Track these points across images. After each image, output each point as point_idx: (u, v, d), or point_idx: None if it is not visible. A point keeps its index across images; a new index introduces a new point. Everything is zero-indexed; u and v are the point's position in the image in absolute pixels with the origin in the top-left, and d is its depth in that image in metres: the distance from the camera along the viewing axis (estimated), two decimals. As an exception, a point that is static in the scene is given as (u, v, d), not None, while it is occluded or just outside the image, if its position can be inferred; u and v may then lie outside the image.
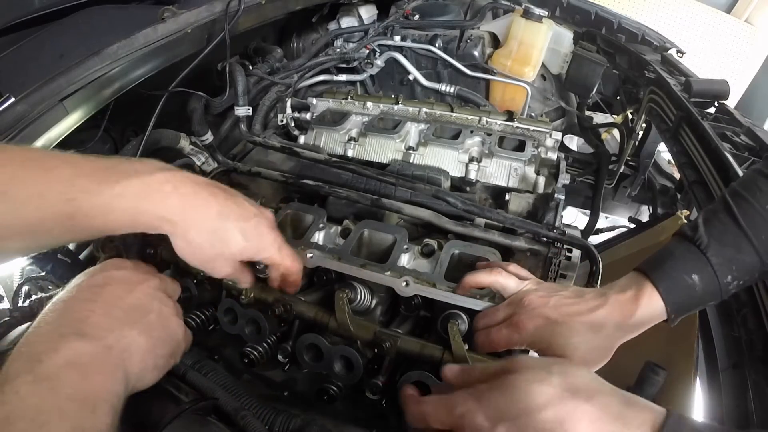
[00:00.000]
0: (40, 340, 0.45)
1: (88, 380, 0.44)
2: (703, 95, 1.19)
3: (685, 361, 0.96)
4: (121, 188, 0.53)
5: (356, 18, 1.79)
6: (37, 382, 0.41)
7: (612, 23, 1.72)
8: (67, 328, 0.47)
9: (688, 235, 0.66)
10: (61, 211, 0.51)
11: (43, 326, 0.47)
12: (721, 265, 0.63)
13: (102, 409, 0.43)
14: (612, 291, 0.66)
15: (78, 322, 0.48)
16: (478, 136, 1.17)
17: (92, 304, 0.50)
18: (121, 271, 0.57)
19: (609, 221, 1.90)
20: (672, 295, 0.63)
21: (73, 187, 0.52)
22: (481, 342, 0.69)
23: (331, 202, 1.05)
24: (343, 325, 0.73)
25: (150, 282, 0.58)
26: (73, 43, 0.96)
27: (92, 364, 0.45)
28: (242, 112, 1.25)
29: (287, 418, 0.66)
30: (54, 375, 0.42)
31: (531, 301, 0.68)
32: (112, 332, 0.49)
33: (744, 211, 0.64)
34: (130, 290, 0.55)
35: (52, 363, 0.43)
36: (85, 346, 0.46)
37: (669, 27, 3.87)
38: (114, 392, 0.46)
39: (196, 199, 0.58)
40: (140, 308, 0.54)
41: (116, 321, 0.50)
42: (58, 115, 0.85)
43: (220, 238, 0.60)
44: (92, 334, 0.47)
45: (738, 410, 0.72)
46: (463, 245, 0.85)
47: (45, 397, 0.40)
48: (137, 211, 0.55)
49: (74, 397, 0.42)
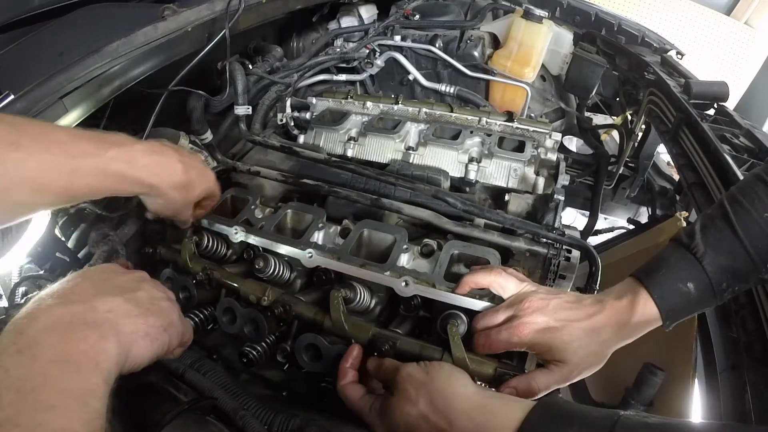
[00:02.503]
0: (22, 316, 0.46)
1: (69, 341, 0.44)
2: (703, 97, 1.19)
3: (683, 362, 0.96)
4: (115, 153, 0.63)
5: (356, 18, 1.79)
6: (20, 352, 0.41)
7: (612, 25, 1.72)
8: (50, 300, 0.48)
9: (685, 242, 0.66)
10: (64, 166, 0.58)
11: (28, 305, 0.48)
12: (716, 273, 0.63)
13: (87, 367, 0.43)
14: (609, 297, 0.67)
15: (62, 294, 0.49)
16: (478, 137, 1.17)
17: (77, 280, 0.52)
18: (112, 265, 0.59)
19: (608, 222, 1.91)
20: (667, 303, 0.64)
21: (73, 147, 0.59)
22: (480, 344, 0.69)
23: (330, 202, 1.04)
24: (338, 325, 0.73)
25: (142, 274, 0.60)
26: (73, 41, 0.96)
27: (73, 324, 0.46)
28: (242, 111, 1.24)
29: (286, 418, 0.66)
30: (34, 342, 0.43)
31: (531, 304, 0.68)
32: (97, 297, 0.50)
33: (741, 218, 0.64)
34: (118, 275, 0.57)
35: (32, 330, 0.44)
36: (66, 309, 0.46)
37: (669, 29, 3.87)
38: (100, 349, 0.45)
39: (167, 163, 0.70)
40: (128, 287, 0.55)
41: (100, 291, 0.51)
42: (58, 112, 0.85)
43: (187, 189, 0.75)
44: (75, 299, 0.48)
45: (736, 411, 0.72)
46: (463, 245, 0.85)
47: (28, 366, 0.40)
48: (125, 175, 0.65)
49: (56, 359, 0.42)
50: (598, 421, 0.51)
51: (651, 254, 0.69)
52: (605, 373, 0.68)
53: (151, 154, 0.68)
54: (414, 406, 0.59)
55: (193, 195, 0.77)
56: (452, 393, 0.59)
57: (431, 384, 0.61)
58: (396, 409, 0.60)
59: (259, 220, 0.93)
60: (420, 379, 0.62)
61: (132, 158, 0.65)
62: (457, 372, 0.63)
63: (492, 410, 0.57)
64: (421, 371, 0.63)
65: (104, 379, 0.44)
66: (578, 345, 0.64)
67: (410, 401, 0.60)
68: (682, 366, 0.96)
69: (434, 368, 0.63)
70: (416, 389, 0.60)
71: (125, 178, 0.65)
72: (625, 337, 0.66)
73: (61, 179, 0.58)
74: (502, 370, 0.67)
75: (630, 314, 0.64)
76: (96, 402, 0.42)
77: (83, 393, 0.41)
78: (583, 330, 0.65)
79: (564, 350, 0.64)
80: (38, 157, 0.56)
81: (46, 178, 0.57)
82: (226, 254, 0.92)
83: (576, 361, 0.65)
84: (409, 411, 0.59)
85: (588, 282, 0.86)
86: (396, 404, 0.61)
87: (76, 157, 0.59)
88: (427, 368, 0.63)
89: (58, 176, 0.58)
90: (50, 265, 0.99)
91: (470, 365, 0.67)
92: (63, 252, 1.00)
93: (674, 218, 1.36)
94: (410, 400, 0.60)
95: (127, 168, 0.64)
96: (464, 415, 0.57)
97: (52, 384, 0.40)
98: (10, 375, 0.40)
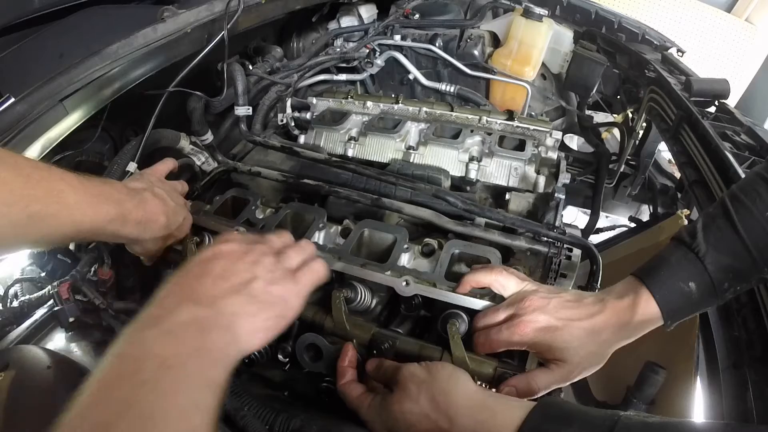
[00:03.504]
0: (157, 307, 0.50)
1: (205, 338, 0.48)
2: (704, 94, 1.19)
3: (685, 360, 0.96)
4: (112, 214, 0.70)
5: (356, 17, 1.79)
6: (163, 335, 0.46)
7: (612, 22, 1.72)
8: (183, 297, 0.52)
9: (686, 241, 0.65)
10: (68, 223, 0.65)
11: (161, 298, 0.52)
12: (718, 273, 0.63)
13: (221, 362, 0.49)
14: (610, 297, 0.67)
15: (191, 293, 0.53)
16: (479, 136, 1.17)
17: (202, 278, 0.55)
18: (227, 245, 0.61)
19: (609, 221, 1.90)
20: (668, 303, 0.64)
21: (77, 211, 0.65)
22: (480, 343, 0.69)
23: (331, 202, 1.04)
24: (340, 325, 0.73)
25: (254, 251, 0.61)
26: (73, 43, 0.96)
27: (208, 323, 0.50)
28: (242, 111, 1.24)
29: (287, 418, 0.66)
30: (175, 331, 0.47)
31: (532, 303, 0.68)
32: (220, 300, 0.53)
33: (742, 217, 0.64)
34: (234, 262, 0.58)
35: (173, 322, 0.48)
36: (201, 310, 0.51)
37: (669, 26, 3.86)
38: (226, 350, 0.50)
39: (154, 219, 0.78)
40: (245, 277, 0.57)
41: (222, 290, 0.54)
42: (58, 115, 0.85)
43: (165, 239, 0.83)
44: (204, 301, 0.52)
45: (738, 410, 0.72)
46: (464, 245, 0.85)
47: (170, 348, 0.45)
48: (118, 234, 0.73)
49: (198, 349, 0.46)
50: (598, 421, 0.51)
51: (652, 252, 0.69)
52: (607, 372, 0.68)
53: (140, 208, 0.75)
54: (415, 404, 0.59)
55: (168, 242, 0.85)
56: (453, 391, 0.59)
57: (433, 383, 0.61)
58: (396, 406, 0.61)
59: (259, 220, 0.93)
60: (422, 378, 0.62)
61: (125, 218, 0.72)
62: (458, 371, 0.63)
63: (493, 409, 0.57)
64: (423, 370, 0.63)
65: (228, 372, 0.49)
66: (579, 345, 0.64)
67: (411, 399, 0.60)
68: (684, 364, 0.96)
69: (436, 367, 0.63)
70: (418, 387, 0.61)
71: (117, 236, 0.74)
72: (625, 337, 0.66)
73: (65, 229, 0.65)
74: (502, 370, 0.67)
75: (631, 314, 0.64)
76: (221, 391, 0.47)
77: (215, 382, 0.47)
78: (584, 330, 0.65)
79: (565, 350, 0.64)
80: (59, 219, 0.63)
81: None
82: (226, 255, 0.92)
83: (577, 361, 0.65)
84: (410, 409, 0.59)
85: (589, 281, 0.86)
86: (396, 402, 0.61)
87: (77, 219, 0.65)
88: (429, 367, 0.63)
89: (63, 228, 0.64)
90: (51, 267, 0.99)
91: (470, 365, 0.67)
92: (64, 254, 1.00)
93: (675, 216, 1.35)
94: (412, 398, 0.60)
95: (121, 228, 0.72)
96: (465, 413, 0.57)
97: (191, 368, 0.44)
98: (151, 350, 0.44)
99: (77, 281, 0.88)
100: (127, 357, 0.43)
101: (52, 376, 0.71)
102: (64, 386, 0.71)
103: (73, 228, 0.66)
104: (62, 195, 0.64)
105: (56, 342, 0.88)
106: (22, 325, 0.89)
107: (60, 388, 0.70)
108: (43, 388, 0.69)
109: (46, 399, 0.67)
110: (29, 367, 0.71)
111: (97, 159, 1.14)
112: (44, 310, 0.91)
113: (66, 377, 0.73)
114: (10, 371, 0.69)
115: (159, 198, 0.80)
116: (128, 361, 0.43)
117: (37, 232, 0.63)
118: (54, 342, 0.88)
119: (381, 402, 0.63)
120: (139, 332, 0.46)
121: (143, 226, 0.76)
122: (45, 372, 0.71)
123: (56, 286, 0.87)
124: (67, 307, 0.86)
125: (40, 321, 0.89)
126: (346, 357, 0.70)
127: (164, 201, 0.81)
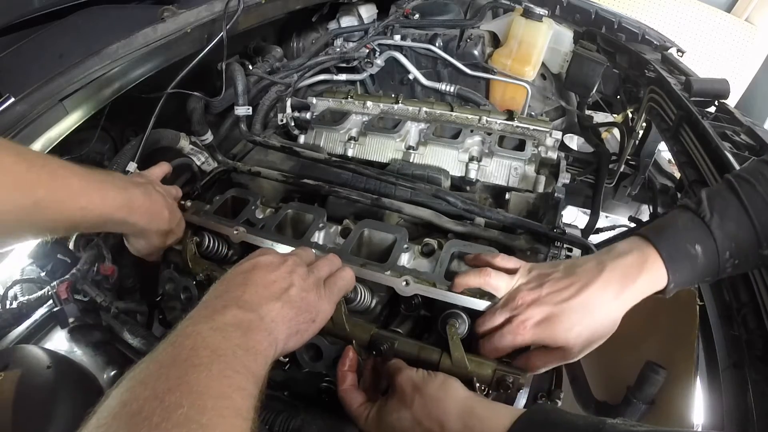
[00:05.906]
0: (207, 309, 0.55)
1: (249, 338, 0.53)
2: (704, 94, 1.19)
3: (685, 360, 0.96)
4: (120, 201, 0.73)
5: (356, 17, 1.79)
6: (213, 331, 0.50)
7: (612, 22, 1.72)
8: (228, 302, 0.56)
9: (692, 207, 0.65)
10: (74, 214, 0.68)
11: (208, 301, 0.57)
12: (722, 240, 0.63)
13: (263, 360, 0.53)
14: (609, 256, 0.66)
15: (235, 299, 0.57)
16: (478, 136, 1.17)
17: (244, 287, 0.59)
18: (265, 257, 0.65)
19: (609, 220, 1.90)
20: (675, 264, 0.63)
21: (83, 197, 0.67)
22: (488, 351, 0.69)
23: (331, 202, 1.04)
24: (339, 325, 0.73)
25: (289, 261, 0.65)
26: (73, 43, 0.96)
27: (251, 326, 0.54)
28: (242, 111, 1.24)
29: (287, 418, 0.66)
30: (223, 329, 0.51)
31: (524, 299, 0.68)
32: (262, 306, 0.57)
33: (747, 192, 0.64)
34: (272, 271, 0.62)
35: (221, 321, 0.52)
36: (244, 314, 0.55)
37: (669, 26, 3.86)
38: (266, 352, 0.54)
39: (159, 211, 0.81)
40: (282, 286, 0.61)
41: (264, 298, 0.58)
42: (58, 115, 0.85)
43: (166, 236, 0.86)
44: (247, 307, 0.56)
45: (738, 409, 0.71)
46: (464, 245, 0.85)
47: (220, 342, 0.49)
48: (125, 222, 0.75)
49: (242, 346, 0.51)
50: (581, 429, 0.51)
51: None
52: (607, 371, 0.68)
53: (146, 197, 0.78)
54: (408, 410, 0.61)
55: (169, 241, 0.88)
56: (444, 397, 0.61)
57: (425, 389, 0.62)
58: (392, 413, 0.62)
59: (259, 220, 0.93)
60: (417, 382, 0.64)
61: (132, 206, 0.75)
62: (450, 379, 0.64)
63: (480, 416, 0.58)
64: (419, 375, 0.65)
65: (267, 368, 0.54)
66: (580, 329, 0.64)
67: (405, 404, 0.62)
68: (684, 364, 0.96)
69: (430, 375, 0.65)
70: (412, 391, 0.63)
71: (125, 225, 0.77)
72: (628, 299, 0.65)
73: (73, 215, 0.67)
74: (501, 371, 0.67)
75: (637, 273, 0.64)
76: (260, 383, 0.51)
77: (256, 374, 0.50)
78: (581, 305, 0.64)
79: (567, 337, 0.65)
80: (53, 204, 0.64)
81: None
82: (227, 255, 0.92)
83: (582, 342, 0.65)
84: (404, 415, 0.61)
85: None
86: (392, 407, 0.63)
87: (84, 205, 0.67)
88: (423, 374, 0.65)
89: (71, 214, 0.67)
90: (51, 266, 0.99)
91: (469, 366, 0.67)
92: (64, 254, 1.00)
93: (675, 216, 1.35)
94: (405, 403, 0.62)
95: (128, 216, 0.75)
96: (455, 418, 0.58)
97: (238, 360, 0.49)
98: (206, 341, 0.48)
99: (78, 280, 0.88)
100: (182, 345, 0.48)
101: (52, 376, 0.71)
102: (64, 386, 0.71)
103: (81, 214, 0.67)
104: (67, 180, 0.65)
105: (56, 342, 0.88)
106: (21, 325, 0.89)
107: (60, 388, 0.70)
108: (43, 388, 0.69)
109: (46, 399, 0.67)
110: (29, 367, 0.72)
111: (97, 159, 1.14)
112: (44, 311, 0.91)
113: (66, 377, 0.73)
114: (14, 371, 0.69)
115: (160, 193, 0.83)
116: (183, 348, 0.47)
117: (44, 219, 0.64)
118: (54, 342, 0.88)
119: (378, 411, 0.65)
120: (193, 326, 0.51)
121: (149, 216, 0.79)
122: (45, 372, 0.72)
123: (55, 287, 0.87)
124: (66, 308, 0.86)
125: (39, 321, 0.90)
126: (347, 360, 0.71)
127: (164, 197, 0.84)
